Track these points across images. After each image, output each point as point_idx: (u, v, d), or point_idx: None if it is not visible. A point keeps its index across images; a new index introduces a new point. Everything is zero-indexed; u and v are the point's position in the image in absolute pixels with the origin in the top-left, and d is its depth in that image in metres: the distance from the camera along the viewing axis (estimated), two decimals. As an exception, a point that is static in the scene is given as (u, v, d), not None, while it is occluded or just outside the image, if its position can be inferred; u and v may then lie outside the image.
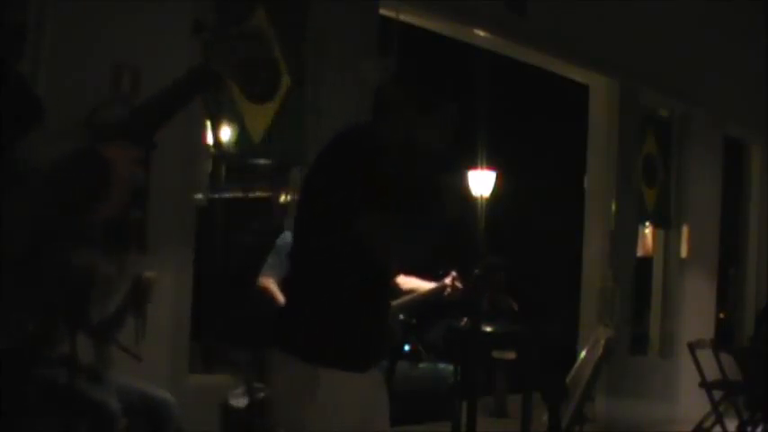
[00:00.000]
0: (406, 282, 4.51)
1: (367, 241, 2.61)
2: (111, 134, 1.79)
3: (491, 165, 14.94)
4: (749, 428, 7.45)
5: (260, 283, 4.51)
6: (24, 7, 4.40)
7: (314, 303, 2.73)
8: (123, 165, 1.70)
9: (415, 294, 4.44)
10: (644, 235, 9.28)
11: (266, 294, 4.39)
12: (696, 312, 9.16)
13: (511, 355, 5.37)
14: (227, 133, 5.79)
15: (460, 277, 4.42)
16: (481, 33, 7.28)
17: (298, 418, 2.70)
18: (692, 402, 7.95)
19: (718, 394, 7.42)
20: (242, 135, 5.61)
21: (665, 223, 9.15)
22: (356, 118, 5.77)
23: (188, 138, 5.12)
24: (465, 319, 4.69)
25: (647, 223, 9.17)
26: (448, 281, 4.47)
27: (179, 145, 4.94)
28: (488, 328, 4.86)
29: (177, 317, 5.10)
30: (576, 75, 8.46)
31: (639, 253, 9.05)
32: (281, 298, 4.18)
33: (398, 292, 4.47)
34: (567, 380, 5.42)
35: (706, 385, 7.42)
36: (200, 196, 5.52)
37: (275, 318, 2.95)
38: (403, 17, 6.52)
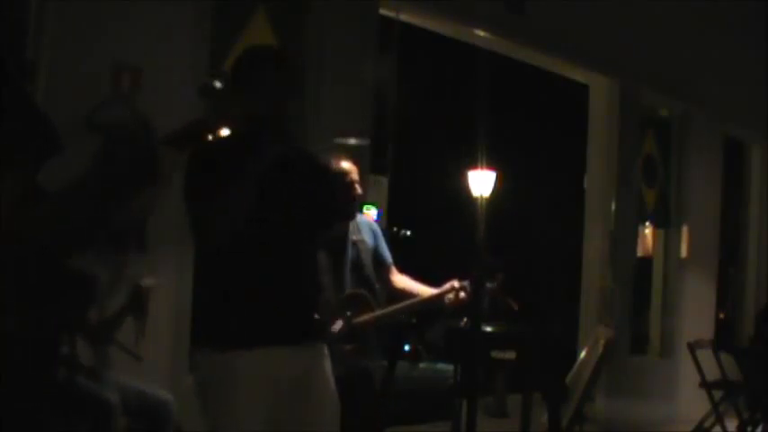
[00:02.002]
0: (400, 280, 4.48)
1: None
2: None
3: (491, 165, 14.95)
4: (749, 428, 7.44)
5: None
6: (24, 7, 4.41)
7: (208, 291, 2.86)
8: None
9: (415, 301, 4.41)
10: (644, 235, 9.28)
11: None
12: (696, 312, 9.16)
13: (511, 355, 5.37)
14: (226, 133, 5.78)
15: (462, 287, 4.40)
16: (481, 33, 7.28)
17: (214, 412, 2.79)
18: (692, 402, 7.94)
19: (718, 394, 7.41)
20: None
21: (665, 223, 9.15)
22: (356, 117, 5.79)
23: (188, 138, 5.12)
24: (465, 319, 4.69)
25: (647, 223, 9.17)
26: (447, 287, 4.44)
27: (179, 145, 4.94)
28: (488, 328, 4.86)
29: (177, 317, 5.10)
30: (576, 75, 8.46)
31: (639, 253, 9.05)
32: None
33: (392, 290, 4.45)
34: (567, 380, 5.42)
35: (706, 385, 7.41)
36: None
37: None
38: (403, 17, 6.52)
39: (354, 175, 4.14)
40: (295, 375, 2.81)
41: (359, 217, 4.34)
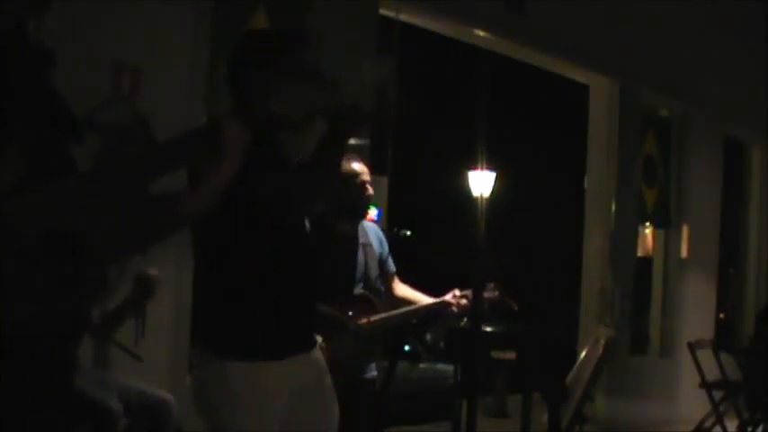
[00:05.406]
0: (401, 289, 4.49)
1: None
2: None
3: (491, 165, 14.96)
4: (749, 429, 7.45)
5: None
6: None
7: (216, 295, 2.71)
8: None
9: (418, 306, 4.42)
10: (644, 235, 9.28)
11: None
12: (696, 312, 9.16)
13: (511, 356, 5.37)
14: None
15: (464, 295, 4.41)
16: (481, 33, 7.28)
17: (215, 416, 2.67)
18: (692, 402, 7.95)
19: (718, 394, 7.42)
20: (242, 135, 5.60)
21: (665, 223, 9.15)
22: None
23: (188, 138, 5.11)
24: (465, 319, 4.69)
25: (647, 223, 9.17)
26: (449, 298, 4.46)
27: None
28: (488, 328, 4.86)
29: (178, 317, 5.10)
30: (576, 75, 8.46)
31: (639, 253, 9.05)
32: None
33: (393, 297, 4.45)
34: (567, 380, 5.42)
35: (706, 385, 7.41)
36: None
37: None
38: (403, 17, 6.52)
39: (366, 176, 4.15)
40: (310, 382, 2.75)
41: (366, 223, 4.35)
